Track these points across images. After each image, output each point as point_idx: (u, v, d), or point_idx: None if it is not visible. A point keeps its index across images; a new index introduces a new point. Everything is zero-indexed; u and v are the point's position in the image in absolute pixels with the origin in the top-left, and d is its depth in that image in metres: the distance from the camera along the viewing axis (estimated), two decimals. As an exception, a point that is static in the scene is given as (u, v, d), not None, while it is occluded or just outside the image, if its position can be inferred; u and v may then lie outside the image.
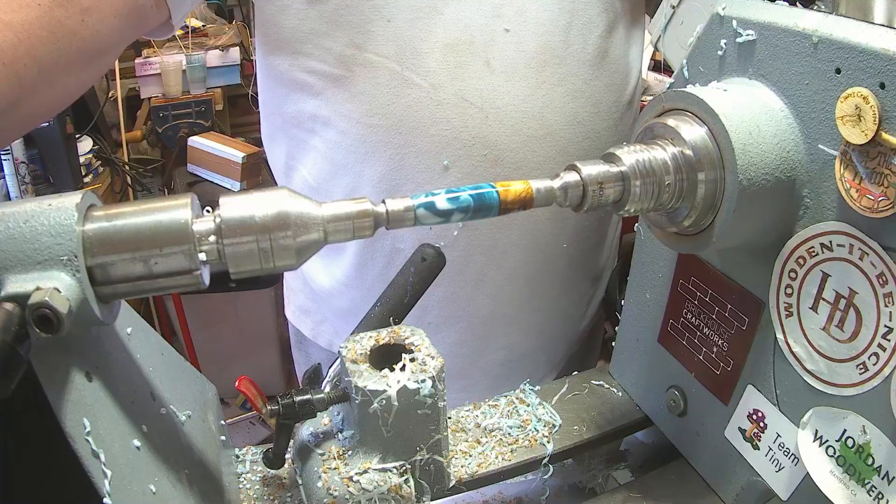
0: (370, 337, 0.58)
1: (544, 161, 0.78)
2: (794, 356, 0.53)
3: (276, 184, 0.95)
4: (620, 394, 0.76)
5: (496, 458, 0.66)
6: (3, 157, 1.70)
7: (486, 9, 0.72)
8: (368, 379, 0.53)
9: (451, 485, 0.62)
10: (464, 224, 0.78)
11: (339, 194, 0.80)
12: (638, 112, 0.90)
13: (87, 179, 1.99)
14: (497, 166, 0.76)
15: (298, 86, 0.79)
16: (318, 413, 0.55)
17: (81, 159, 1.95)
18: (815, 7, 0.52)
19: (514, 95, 0.74)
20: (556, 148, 0.77)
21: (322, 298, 0.96)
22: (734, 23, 0.54)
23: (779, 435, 0.56)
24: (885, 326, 0.46)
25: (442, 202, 0.46)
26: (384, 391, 0.52)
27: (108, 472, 0.40)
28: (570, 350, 1.03)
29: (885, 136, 0.43)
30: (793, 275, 0.52)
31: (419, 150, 0.75)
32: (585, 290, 0.99)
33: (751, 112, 0.50)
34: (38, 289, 0.36)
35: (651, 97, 0.98)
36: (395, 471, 0.54)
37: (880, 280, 0.46)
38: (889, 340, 0.46)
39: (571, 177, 0.49)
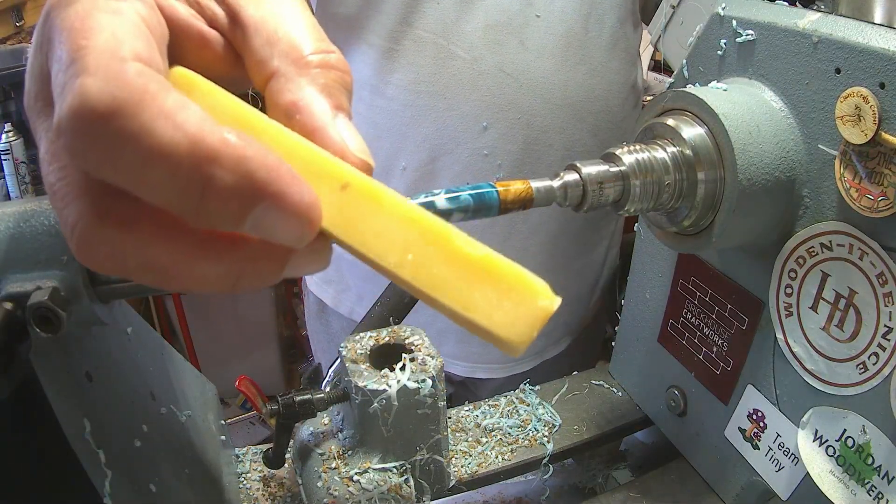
0: (370, 337, 0.58)
1: (565, 126, 0.89)
2: (794, 356, 0.53)
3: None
4: (620, 394, 0.76)
5: (496, 458, 0.66)
6: (3, 157, 1.70)
7: None
8: (368, 379, 0.53)
9: (451, 485, 0.62)
10: (497, 179, 0.85)
11: (382, 155, 0.89)
12: (641, 94, 1.01)
13: (87, 179, 1.99)
14: (527, 129, 0.86)
15: (351, 58, 0.89)
16: (318, 413, 0.55)
17: (81, 159, 1.95)
18: (815, 7, 0.52)
19: (544, 70, 0.85)
20: (577, 116, 0.89)
21: (349, 265, 1.04)
22: (734, 23, 0.54)
23: (779, 435, 0.56)
24: (885, 326, 0.46)
25: (441, 202, 0.46)
26: (384, 391, 0.52)
27: (108, 472, 0.40)
28: (583, 320, 1.10)
29: (885, 136, 0.43)
30: (793, 275, 0.52)
31: (461, 113, 0.85)
32: (597, 258, 1.07)
33: (751, 112, 0.50)
34: (38, 288, 0.36)
35: (651, 97, 1.00)
36: (395, 471, 0.54)
37: (880, 280, 0.46)
38: (889, 340, 0.46)
39: (571, 176, 0.49)
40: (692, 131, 0.50)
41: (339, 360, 0.57)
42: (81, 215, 0.24)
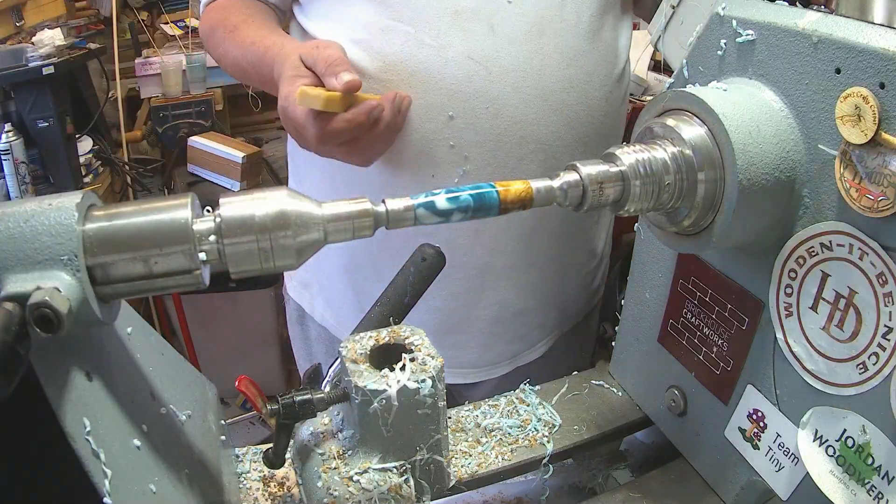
0: (370, 337, 0.58)
1: (540, 118, 0.85)
2: (794, 356, 0.53)
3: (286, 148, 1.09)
4: (620, 394, 0.76)
5: (496, 458, 0.66)
6: (3, 157, 1.70)
7: None
8: (368, 379, 0.53)
9: (451, 485, 0.62)
10: (464, 172, 0.85)
11: None
12: (627, 90, 0.97)
13: (87, 179, 1.99)
14: (497, 119, 0.84)
15: None
16: (318, 413, 0.55)
17: (81, 159, 1.95)
18: (815, 7, 0.52)
19: (515, 57, 0.82)
20: (552, 108, 0.85)
21: (324, 270, 1.04)
22: (734, 23, 0.54)
23: (779, 435, 0.56)
24: (885, 326, 0.46)
25: (442, 202, 0.47)
26: (384, 391, 0.52)
27: (108, 472, 0.40)
28: (564, 322, 1.05)
29: (885, 136, 0.43)
30: (793, 275, 0.52)
31: (427, 102, 0.83)
32: (582, 260, 1.03)
33: (751, 112, 0.50)
34: (38, 288, 0.36)
35: (651, 97, 0.99)
36: (395, 471, 0.54)
37: (880, 280, 0.46)
38: (889, 340, 0.46)
39: (571, 177, 0.49)
40: (692, 131, 0.50)
41: (339, 360, 0.57)
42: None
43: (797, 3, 0.53)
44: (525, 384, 0.77)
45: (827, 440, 0.51)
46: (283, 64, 0.80)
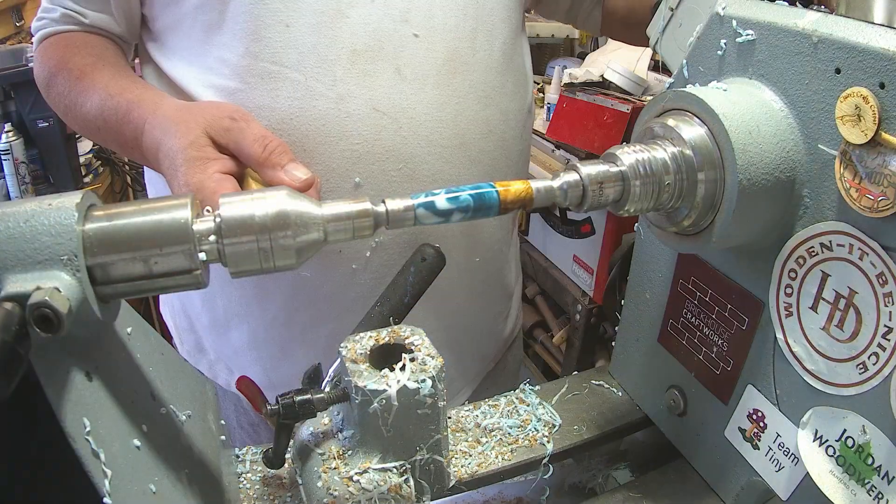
0: (370, 337, 0.58)
1: (459, 172, 0.75)
2: (794, 356, 0.53)
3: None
4: (620, 394, 0.76)
5: (496, 457, 0.66)
6: (3, 157, 1.70)
7: (393, 13, 0.69)
8: (368, 379, 0.53)
9: (451, 485, 0.62)
10: (377, 243, 0.76)
11: None
12: (533, 120, 0.89)
13: (87, 179, 1.99)
14: (412, 181, 0.72)
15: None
16: (318, 413, 0.55)
17: (81, 159, 1.96)
18: (815, 7, 0.52)
19: (428, 104, 0.71)
20: (470, 158, 0.75)
21: (216, 334, 0.89)
22: (734, 23, 0.54)
23: (779, 435, 0.56)
24: (885, 326, 0.46)
25: (442, 202, 0.47)
26: (384, 391, 0.52)
27: (108, 472, 0.40)
28: (486, 367, 1.00)
29: (885, 136, 0.43)
30: (793, 275, 0.52)
31: (327, 168, 0.70)
32: (501, 308, 0.97)
33: (751, 112, 0.50)
34: (38, 288, 0.36)
35: (651, 97, 0.98)
36: (395, 471, 0.54)
37: (880, 280, 0.46)
38: (889, 340, 0.46)
39: (571, 177, 0.49)
40: (692, 131, 0.50)
41: (339, 360, 0.57)
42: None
43: (797, 3, 0.53)
44: (525, 384, 0.77)
45: (827, 440, 0.51)
46: (172, 136, 0.60)
